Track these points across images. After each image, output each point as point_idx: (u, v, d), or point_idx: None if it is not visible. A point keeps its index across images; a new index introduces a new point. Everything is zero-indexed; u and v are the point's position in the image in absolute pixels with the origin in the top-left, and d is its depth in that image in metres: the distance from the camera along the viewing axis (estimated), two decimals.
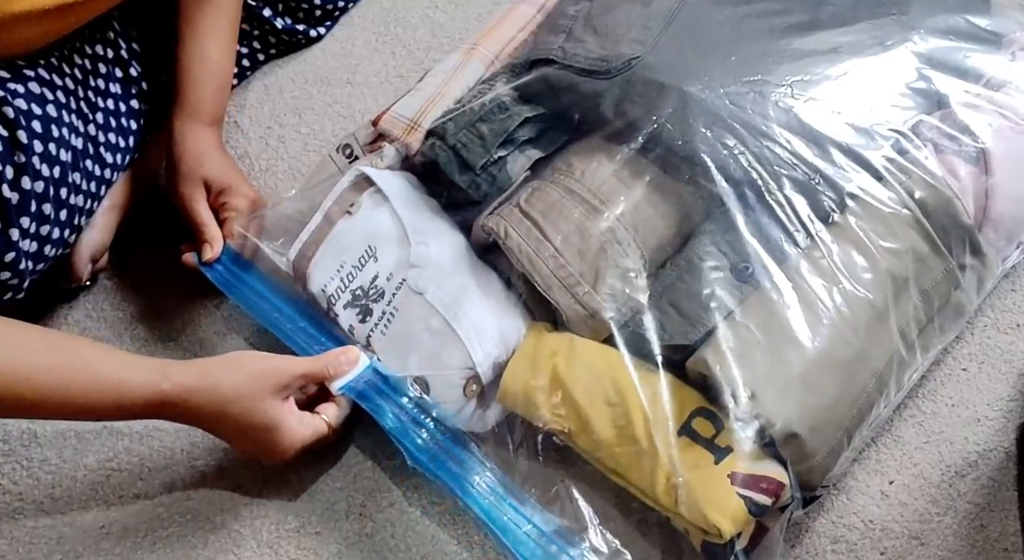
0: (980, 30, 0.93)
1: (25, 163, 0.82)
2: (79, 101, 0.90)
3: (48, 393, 0.72)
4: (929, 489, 0.85)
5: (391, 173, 0.90)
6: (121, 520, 0.86)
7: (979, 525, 0.83)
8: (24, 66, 0.86)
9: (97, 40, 0.94)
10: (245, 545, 0.85)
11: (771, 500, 0.72)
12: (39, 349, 0.74)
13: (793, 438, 0.73)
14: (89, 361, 0.75)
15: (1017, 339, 0.92)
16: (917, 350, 0.81)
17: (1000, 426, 0.88)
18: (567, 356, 0.79)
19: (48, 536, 0.86)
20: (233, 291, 0.92)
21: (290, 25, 1.14)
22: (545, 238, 0.82)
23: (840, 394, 0.75)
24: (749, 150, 0.82)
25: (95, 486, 0.88)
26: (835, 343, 0.76)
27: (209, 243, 0.94)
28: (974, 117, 0.88)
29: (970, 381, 0.90)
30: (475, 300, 0.82)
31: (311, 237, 0.89)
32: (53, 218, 0.86)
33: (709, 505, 0.72)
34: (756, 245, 0.79)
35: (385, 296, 0.84)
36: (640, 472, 0.75)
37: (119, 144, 0.94)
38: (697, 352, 0.77)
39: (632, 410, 0.75)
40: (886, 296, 0.79)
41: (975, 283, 0.85)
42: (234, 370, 0.78)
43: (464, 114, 0.88)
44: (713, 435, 0.74)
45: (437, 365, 0.82)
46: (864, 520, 0.83)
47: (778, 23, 0.91)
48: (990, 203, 0.85)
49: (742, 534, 0.74)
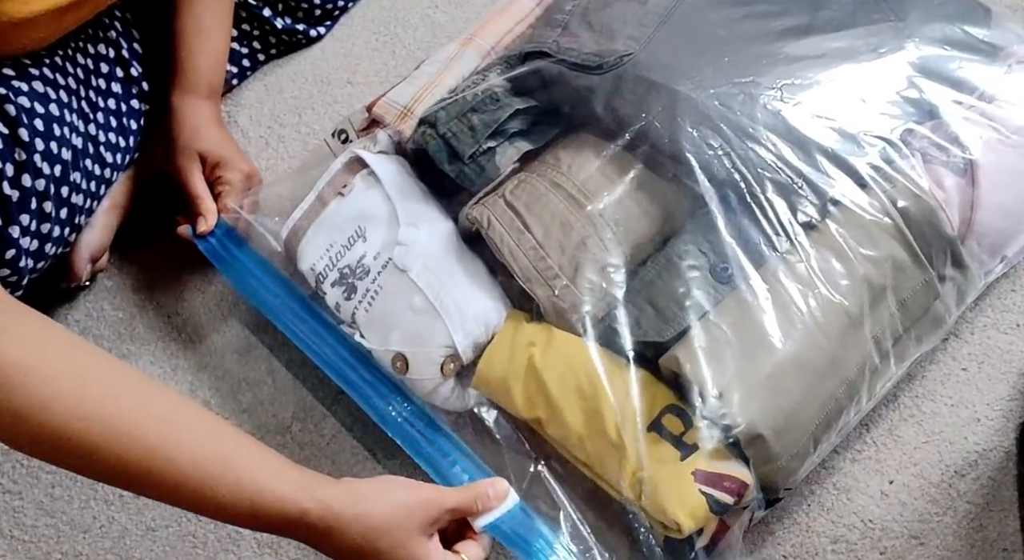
0: (977, 41, 0.92)
1: (26, 161, 0.83)
2: (80, 101, 0.90)
3: (188, 483, 0.65)
4: (929, 489, 0.85)
5: (385, 157, 0.90)
6: (121, 520, 0.86)
7: (978, 525, 0.83)
8: (29, 65, 0.86)
9: (100, 40, 0.94)
10: (245, 545, 0.85)
11: (733, 499, 0.73)
12: (196, 433, 0.66)
13: (757, 439, 0.73)
14: (236, 459, 0.67)
15: (1017, 339, 0.92)
16: (891, 359, 0.81)
17: (1000, 426, 0.88)
18: (543, 347, 0.79)
19: (48, 536, 0.86)
20: (224, 265, 0.93)
21: (290, 25, 1.14)
22: (527, 229, 0.82)
23: (808, 398, 0.76)
24: (734, 151, 0.82)
25: (95, 486, 0.88)
26: (806, 348, 0.76)
27: (204, 216, 0.94)
28: (964, 128, 0.87)
29: (970, 381, 0.90)
30: (459, 282, 0.83)
31: (303, 216, 0.90)
32: (53, 216, 0.86)
33: (670, 500, 0.72)
34: (735, 246, 0.79)
35: (370, 274, 0.85)
36: (607, 465, 0.76)
37: (119, 144, 0.94)
38: (670, 350, 0.77)
39: (603, 403, 0.75)
40: (862, 303, 0.79)
41: (955, 295, 0.85)
42: (385, 498, 0.69)
43: (456, 103, 0.88)
44: (681, 432, 0.75)
45: (417, 342, 0.82)
46: (864, 520, 0.83)
47: (774, 26, 0.91)
48: (975, 215, 0.85)
49: (703, 532, 0.75)
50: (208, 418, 0.68)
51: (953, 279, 0.85)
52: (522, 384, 0.79)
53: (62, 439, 0.63)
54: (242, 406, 0.92)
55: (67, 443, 0.63)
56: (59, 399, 0.62)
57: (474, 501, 0.72)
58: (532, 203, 0.83)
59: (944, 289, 0.84)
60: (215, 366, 0.95)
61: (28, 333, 0.64)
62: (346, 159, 0.90)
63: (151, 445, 0.64)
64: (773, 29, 0.91)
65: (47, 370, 0.63)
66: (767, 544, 0.83)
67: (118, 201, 0.98)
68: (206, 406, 0.92)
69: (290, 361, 0.94)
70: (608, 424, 0.75)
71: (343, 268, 0.86)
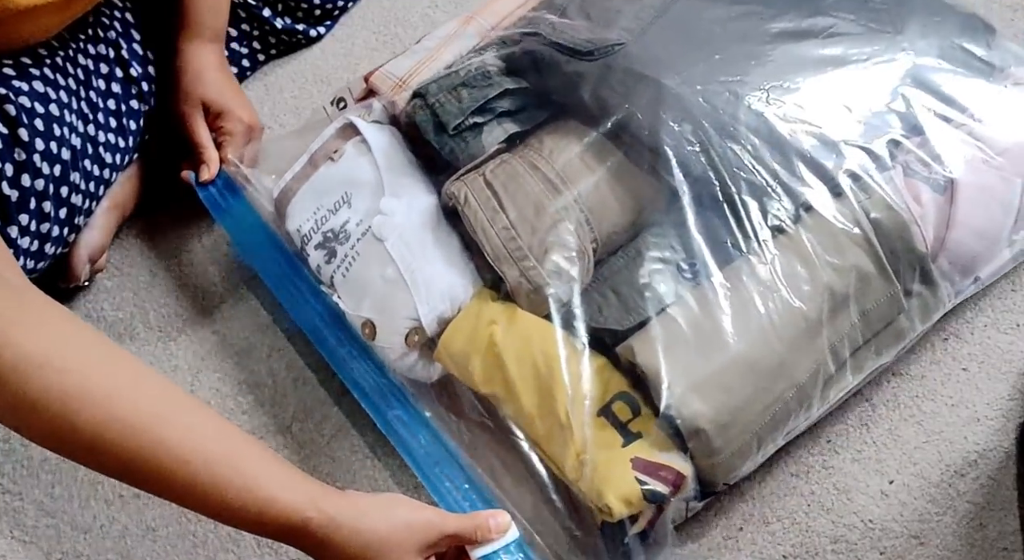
0: (974, 59, 0.92)
1: (26, 161, 0.83)
2: (80, 101, 0.90)
3: (198, 485, 0.65)
4: (929, 489, 0.85)
5: (378, 126, 0.92)
6: (121, 520, 0.86)
7: (979, 524, 0.83)
8: (30, 65, 0.86)
9: (100, 40, 0.94)
10: (245, 545, 0.85)
11: (669, 489, 0.74)
12: (208, 434, 0.67)
13: (699, 433, 0.74)
14: (245, 464, 0.67)
15: (1017, 339, 0.92)
16: (848, 369, 0.82)
17: (1000, 426, 0.88)
18: (506, 326, 0.80)
19: (48, 536, 0.86)
20: (221, 215, 0.95)
21: (290, 25, 1.14)
22: (501, 209, 0.83)
23: (755, 399, 0.76)
24: (712, 149, 0.82)
25: (96, 486, 0.88)
26: (758, 349, 0.77)
27: (207, 164, 0.95)
28: (949, 145, 0.87)
29: (970, 381, 0.90)
30: (431, 257, 0.84)
31: (294, 178, 0.92)
32: (52, 216, 0.87)
33: (605, 485, 0.73)
34: (702, 243, 0.80)
35: (350, 240, 0.87)
36: (555, 445, 0.77)
37: (118, 144, 0.94)
38: (628, 339, 0.78)
39: (556, 385, 0.76)
40: (821, 310, 0.79)
41: (920, 311, 0.85)
42: (387, 515, 0.69)
43: (449, 77, 0.90)
44: (629, 420, 0.76)
45: (385, 312, 0.84)
46: (864, 520, 0.83)
47: (769, 27, 0.91)
48: (949, 234, 0.85)
49: (639, 519, 0.75)
50: (219, 421, 0.69)
51: (920, 295, 0.85)
52: (481, 360, 0.80)
53: (73, 433, 0.63)
54: (242, 407, 0.92)
55: (77, 437, 0.63)
56: (73, 393, 0.63)
57: (474, 530, 0.72)
58: (509, 183, 0.84)
59: (910, 304, 0.84)
60: (215, 367, 0.95)
61: (48, 325, 0.65)
62: (340, 125, 0.92)
63: (162, 445, 0.64)
64: (768, 31, 0.91)
65: (63, 363, 0.63)
66: (767, 544, 0.83)
67: (117, 202, 0.98)
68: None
69: (290, 362, 0.94)
70: (559, 405, 0.76)
71: (327, 232, 0.88)
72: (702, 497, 0.79)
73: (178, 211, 1.04)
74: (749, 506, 0.84)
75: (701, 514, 0.84)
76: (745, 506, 0.84)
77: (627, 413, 0.77)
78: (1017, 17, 1.15)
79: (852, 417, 0.88)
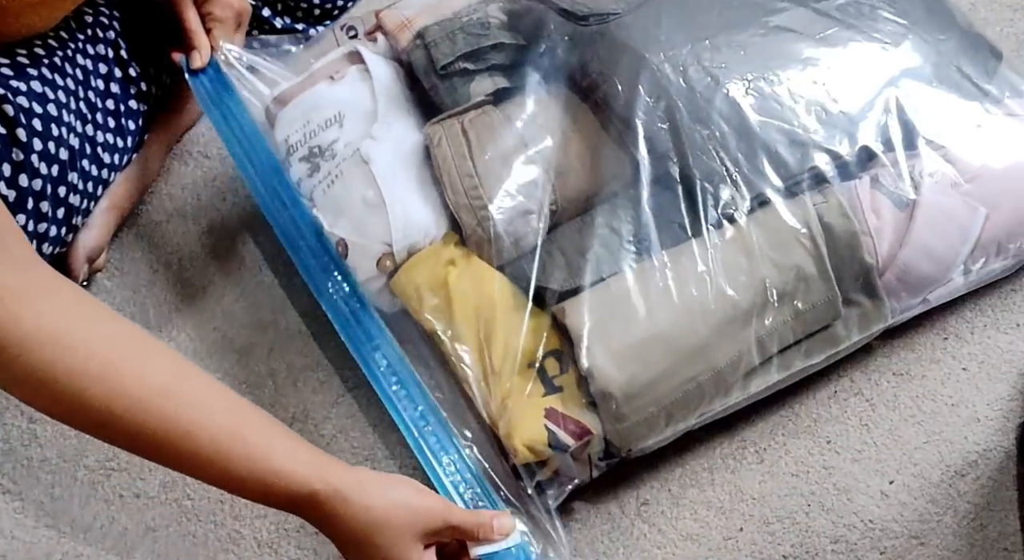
0: (969, 82, 0.92)
1: (23, 161, 0.82)
2: (79, 101, 0.90)
3: (204, 455, 0.66)
4: (929, 489, 0.85)
5: (383, 59, 0.94)
6: (121, 520, 0.86)
7: (979, 525, 0.83)
8: (28, 65, 0.86)
9: (99, 40, 0.94)
10: (245, 545, 0.85)
11: (573, 441, 0.77)
12: (215, 407, 0.68)
13: (608, 397, 0.77)
14: (253, 436, 0.68)
15: (1017, 339, 0.92)
16: (774, 365, 0.83)
17: (1000, 426, 0.88)
18: (461, 269, 0.83)
19: (48, 536, 0.86)
20: (210, 108, 0.95)
21: (289, 24, 1.13)
22: (470, 157, 0.85)
23: (669, 374, 0.79)
24: (682, 130, 0.84)
25: (95, 486, 0.88)
26: (682, 329, 0.79)
27: (198, 51, 0.94)
28: (920, 164, 0.87)
29: (970, 381, 0.90)
30: (412, 188, 0.86)
31: (290, 88, 0.94)
32: (50, 216, 0.86)
33: (516, 427, 0.77)
34: (651, 221, 0.82)
35: (336, 158, 0.88)
36: (483, 386, 0.80)
37: (117, 144, 0.94)
38: (563, 301, 0.80)
39: (495, 333, 0.80)
40: (752, 302, 0.80)
41: (859, 321, 0.85)
42: (392, 495, 0.70)
43: (450, 22, 0.92)
44: (556, 375, 0.80)
45: (360, 233, 0.85)
46: (864, 520, 0.83)
47: (768, 20, 0.91)
48: (901, 252, 0.85)
49: (546, 466, 0.79)
50: (226, 394, 0.70)
51: (861, 305, 0.85)
52: (432, 296, 0.82)
53: (81, 407, 0.64)
54: None
55: (86, 411, 0.64)
56: (80, 368, 0.63)
57: (477, 527, 0.72)
58: (483, 134, 0.86)
59: (849, 312, 0.85)
60: (215, 366, 0.94)
61: (55, 300, 0.65)
62: (347, 50, 0.94)
63: (168, 418, 0.65)
64: (765, 23, 0.91)
65: (70, 339, 0.64)
66: (767, 544, 0.83)
67: (116, 202, 0.98)
68: None
69: (291, 362, 0.94)
70: (494, 352, 0.79)
71: (313, 146, 0.90)
72: (607, 458, 0.81)
73: (178, 211, 1.04)
74: (749, 506, 0.84)
75: (701, 514, 0.84)
76: (745, 506, 0.84)
77: (555, 369, 0.80)
78: (1017, 17, 1.15)
79: (852, 417, 0.88)
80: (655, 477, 0.86)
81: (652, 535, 0.83)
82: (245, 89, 0.96)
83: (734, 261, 0.81)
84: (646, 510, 0.84)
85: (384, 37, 0.95)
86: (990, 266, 0.90)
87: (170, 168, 1.07)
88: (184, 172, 1.07)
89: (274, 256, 1.00)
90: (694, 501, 0.85)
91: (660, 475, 0.86)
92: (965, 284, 0.90)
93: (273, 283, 0.99)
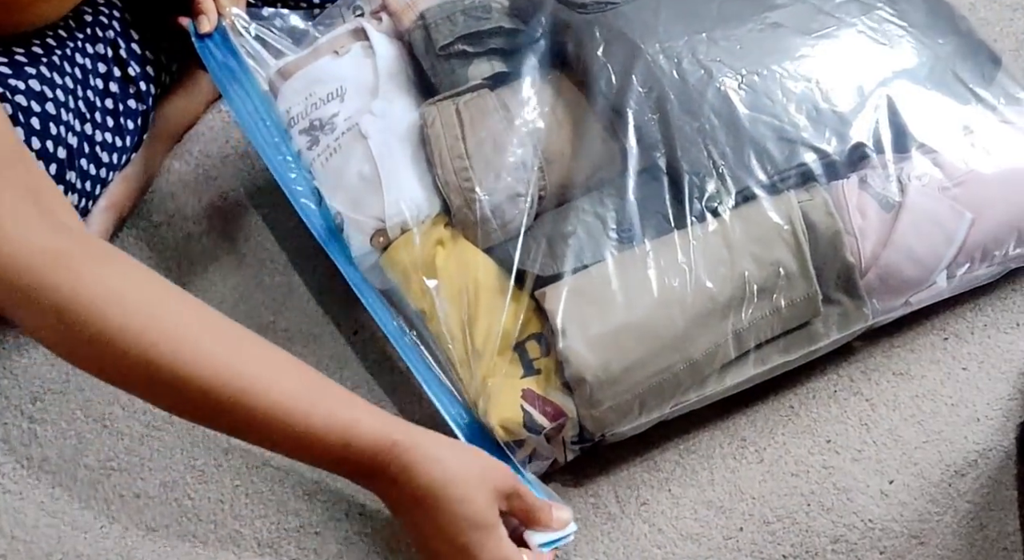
0: (964, 88, 0.92)
1: None
2: (78, 100, 0.90)
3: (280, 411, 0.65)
4: (929, 489, 0.85)
5: (387, 38, 0.95)
6: (122, 520, 0.86)
7: (979, 524, 0.83)
8: (26, 63, 0.86)
9: (98, 39, 0.94)
10: (245, 545, 0.85)
11: (548, 423, 0.78)
12: (287, 366, 0.68)
13: (581, 382, 0.78)
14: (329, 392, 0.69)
15: (1017, 338, 0.92)
16: (751, 359, 0.83)
17: (1000, 425, 0.88)
18: (448, 249, 0.84)
19: (48, 536, 0.86)
20: (216, 73, 0.95)
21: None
22: (463, 139, 0.85)
23: (644, 363, 0.79)
24: (671, 121, 0.84)
25: (95, 486, 0.88)
26: (659, 318, 0.79)
27: (205, 15, 0.94)
28: (910, 165, 0.87)
29: (970, 380, 0.90)
30: (408, 166, 0.87)
31: (294, 61, 0.94)
32: None
33: (494, 407, 0.78)
34: (635, 210, 0.83)
35: (335, 132, 0.89)
36: (465, 367, 0.81)
37: (115, 144, 0.94)
38: (545, 286, 0.82)
39: (478, 313, 0.81)
40: (731, 296, 0.81)
41: (839, 320, 0.85)
42: (465, 451, 0.71)
43: (452, 4, 0.92)
44: (536, 358, 0.81)
45: (355, 208, 0.86)
46: (864, 520, 0.83)
47: (766, 16, 0.92)
48: (884, 252, 0.85)
49: (523, 446, 0.80)
50: (291, 357, 0.70)
51: (841, 304, 0.85)
52: (419, 276, 0.83)
53: (149, 369, 0.63)
54: None
55: (155, 374, 0.64)
56: (150, 329, 0.63)
57: (539, 508, 0.72)
58: (477, 116, 0.86)
59: (828, 310, 0.85)
60: None
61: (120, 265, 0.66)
62: (352, 27, 0.95)
63: (243, 377, 0.65)
64: (763, 19, 0.92)
65: (137, 299, 0.64)
66: (767, 544, 0.83)
67: (115, 201, 0.98)
68: None
69: None
70: (477, 333, 0.81)
71: (314, 119, 0.91)
72: (580, 442, 0.82)
73: (178, 211, 1.04)
74: (749, 506, 0.84)
75: (701, 514, 0.84)
76: (745, 506, 0.84)
77: (536, 352, 0.81)
78: (1016, 17, 1.15)
79: (852, 417, 0.88)
80: (655, 477, 0.86)
81: (652, 535, 0.83)
82: (251, 59, 0.96)
83: (715, 254, 0.81)
84: (646, 510, 0.85)
85: (388, 17, 0.96)
86: (975, 272, 0.89)
87: (170, 168, 1.07)
88: (184, 172, 1.07)
89: (274, 256, 1.00)
90: (694, 501, 0.85)
91: (660, 475, 0.86)
92: (949, 288, 0.89)
93: (273, 283, 0.99)
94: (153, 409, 0.91)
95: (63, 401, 0.92)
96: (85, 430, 0.91)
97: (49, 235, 0.64)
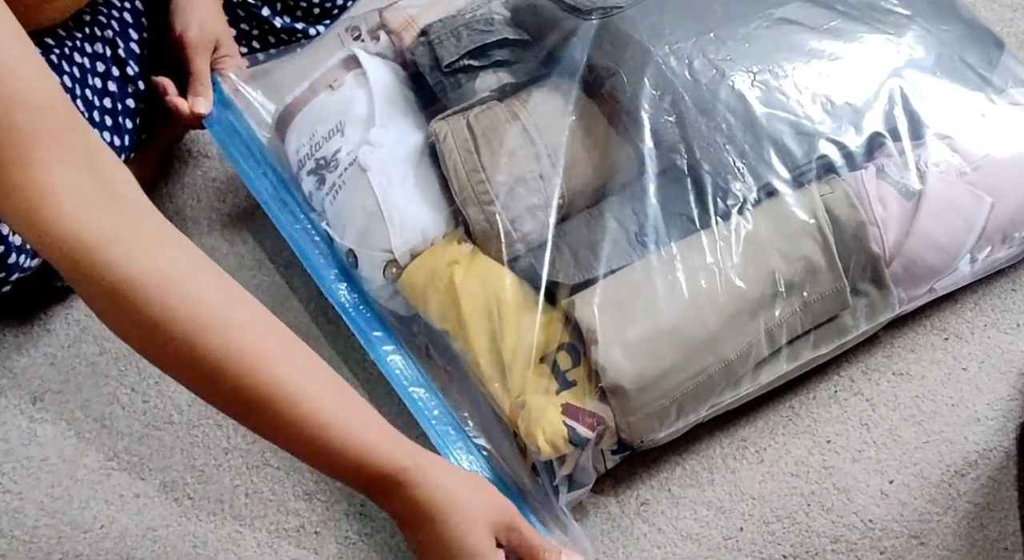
0: (972, 72, 0.92)
1: None
2: (76, 100, 0.90)
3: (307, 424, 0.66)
4: (929, 489, 0.85)
5: (381, 61, 0.94)
6: (122, 520, 0.86)
7: (979, 524, 0.83)
8: None
9: (97, 39, 0.94)
10: (245, 545, 0.85)
11: (592, 434, 0.77)
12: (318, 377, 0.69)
13: (619, 390, 0.78)
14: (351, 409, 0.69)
15: (1017, 339, 0.92)
16: (783, 355, 0.83)
17: (1000, 426, 0.88)
18: (466, 267, 0.83)
19: (48, 536, 0.86)
20: (212, 125, 0.96)
21: (289, 23, 1.13)
22: (476, 152, 0.85)
23: (679, 367, 0.79)
24: (687, 122, 0.84)
25: (95, 486, 0.88)
26: (692, 321, 0.79)
27: (204, 98, 0.96)
28: (926, 152, 0.88)
29: (970, 381, 0.90)
30: (410, 190, 0.87)
31: (294, 101, 0.94)
32: None
33: (537, 426, 0.77)
34: (659, 214, 0.83)
35: (339, 168, 0.89)
36: (498, 384, 0.80)
37: (114, 143, 0.94)
38: (574, 295, 0.81)
39: (506, 329, 0.80)
40: (762, 294, 0.81)
41: (867, 311, 0.85)
42: (470, 482, 0.71)
43: (454, 19, 0.92)
44: (568, 369, 0.80)
45: (365, 243, 0.87)
46: (864, 520, 0.83)
47: (772, 12, 0.92)
48: (907, 241, 0.85)
49: (566, 462, 0.79)
50: (326, 366, 0.70)
51: (868, 295, 0.85)
52: (439, 297, 0.83)
53: (192, 359, 0.64)
54: None
55: (196, 364, 0.64)
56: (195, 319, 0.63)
57: (544, 546, 0.71)
58: (489, 129, 0.86)
59: (857, 302, 0.85)
60: None
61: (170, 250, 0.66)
62: (343, 56, 0.95)
63: (276, 381, 0.65)
64: (770, 15, 0.92)
65: (183, 290, 0.64)
66: (767, 544, 0.83)
67: None
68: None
69: None
70: (506, 348, 0.80)
71: (319, 158, 0.91)
72: (620, 451, 0.81)
73: (178, 211, 1.04)
74: (749, 506, 0.84)
75: (701, 514, 0.84)
76: (745, 506, 0.84)
77: (568, 362, 0.80)
78: (1016, 17, 1.15)
79: (852, 417, 0.88)
80: (655, 477, 0.86)
81: (652, 535, 0.83)
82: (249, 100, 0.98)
83: (743, 252, 0.81)
84: (646, 510, 0.85)
85: (388, 36, 0.95)
86: (996, 255, 0.90)
87: (170, 168, 1.07)
88: (184, 172, 1.07)
89: (274, 256, 1.00)
90: (694, 501, 0.85)
91: (660, 475, 0.86)
92: (971, 273, 0.90)
93: (273, 283, 0.99)
94: (153, 409, 0.91)
95: (63, 401, 0.92)
96: (85, 430, 0.91)
97: (106, 211, 0.63)
